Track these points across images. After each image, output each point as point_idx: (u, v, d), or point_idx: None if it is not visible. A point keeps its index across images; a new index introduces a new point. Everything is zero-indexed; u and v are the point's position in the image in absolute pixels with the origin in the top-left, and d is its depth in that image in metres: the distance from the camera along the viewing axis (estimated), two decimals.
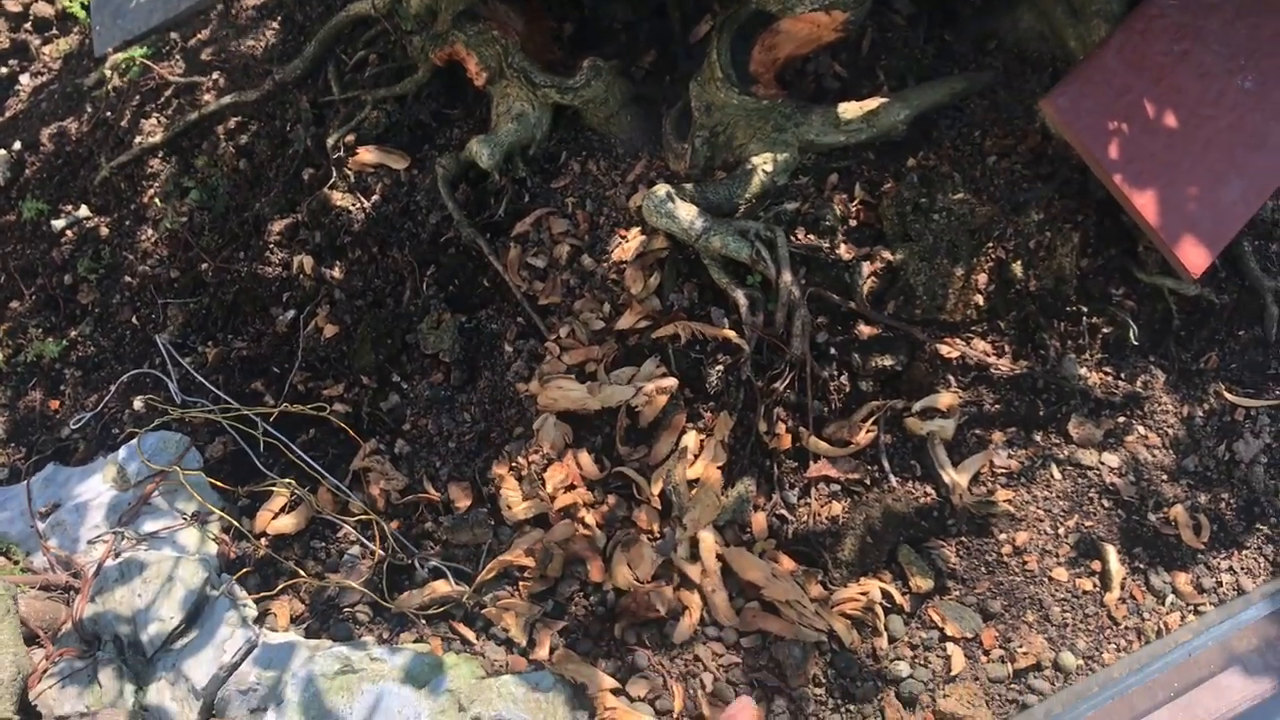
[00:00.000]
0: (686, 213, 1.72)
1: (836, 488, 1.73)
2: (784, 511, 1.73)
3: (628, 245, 1.84)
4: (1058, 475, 1.72)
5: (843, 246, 1.78)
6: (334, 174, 2.04)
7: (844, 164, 1.83)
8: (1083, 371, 1.76)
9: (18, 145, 2.53)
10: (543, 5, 2.05)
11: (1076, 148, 1.69)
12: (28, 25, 2.74)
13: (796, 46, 1.83)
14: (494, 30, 1.87)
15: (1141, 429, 1.76)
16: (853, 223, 1.81)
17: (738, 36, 1.80)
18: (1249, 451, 1.75)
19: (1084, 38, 1.77)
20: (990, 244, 1.74)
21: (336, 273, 2.01)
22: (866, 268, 1.75)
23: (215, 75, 2.31)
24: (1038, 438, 1.74)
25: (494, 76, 1.91)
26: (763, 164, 1.78)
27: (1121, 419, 1.76)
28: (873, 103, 1.80)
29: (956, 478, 1.69)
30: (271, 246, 2.08)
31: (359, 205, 2.02)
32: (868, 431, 1.73)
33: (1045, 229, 1.74)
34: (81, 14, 2.66)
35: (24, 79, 2.66)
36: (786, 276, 1.69)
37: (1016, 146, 1.80)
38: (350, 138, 2.06)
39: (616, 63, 1.94)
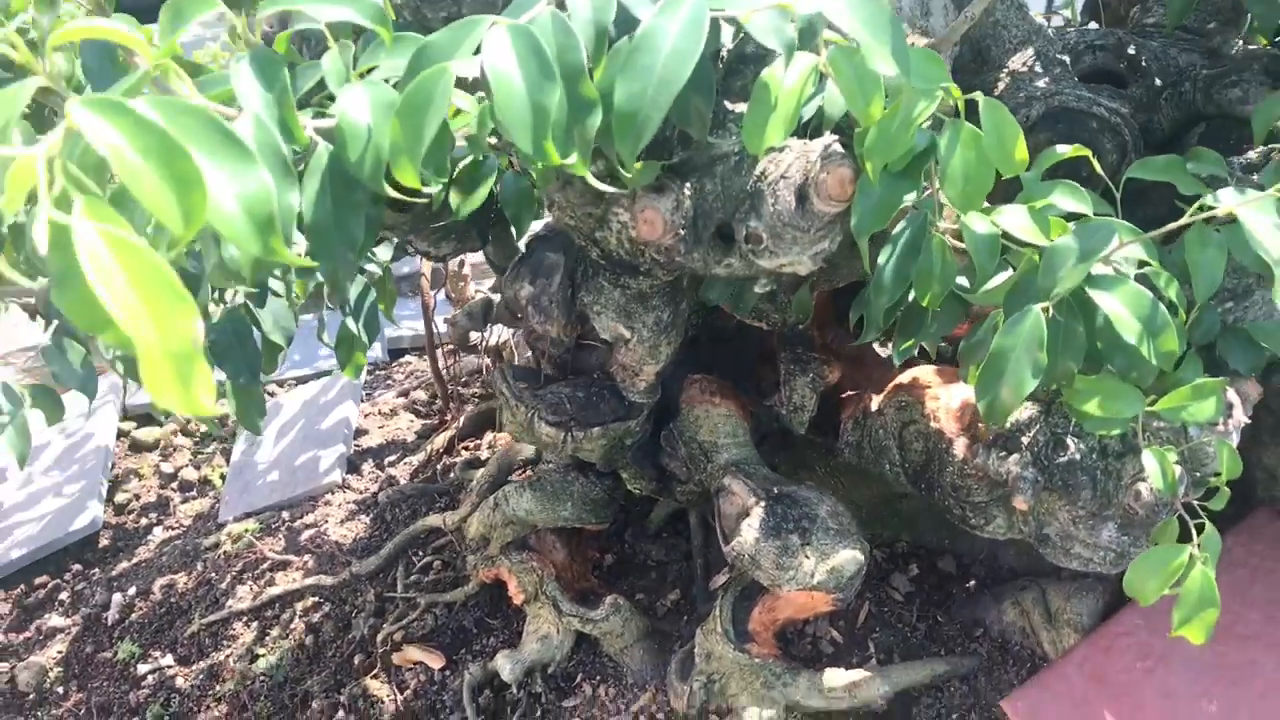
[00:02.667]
0: None
1: None
2: None
3: None
4: None
5: None
6: (378, 664, 2.29)
7: None
8: None
9: (133, 589, 2.89)
10: (588, 538, 2.36)
11: None
12: (174, 484, 3.22)
13: (795, 611, 2.04)
14: (534, 561, 2.17)
15: None
16: None
17: (742, 596, 2.03)
18: None
19: (1056, 643, 1.94)
20: None
21: None
22: None
23: (306, 557, 2.67)
24: None
25: (529, 599, 2.18)
26: (749, 719, 1.93)
27: None
28: (857, 674, 1.96)
29: None
30: None
31: (393, 696, 2.24)
32: None
33: None
34: (219, 482, 3.13)
35: (157, 531, 3.08)
36: None
37: None
38: (399, 634, 2.32)
39: (640, 597, 2.19)
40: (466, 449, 2.90)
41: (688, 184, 1.38)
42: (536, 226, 1.95)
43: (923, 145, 1.27)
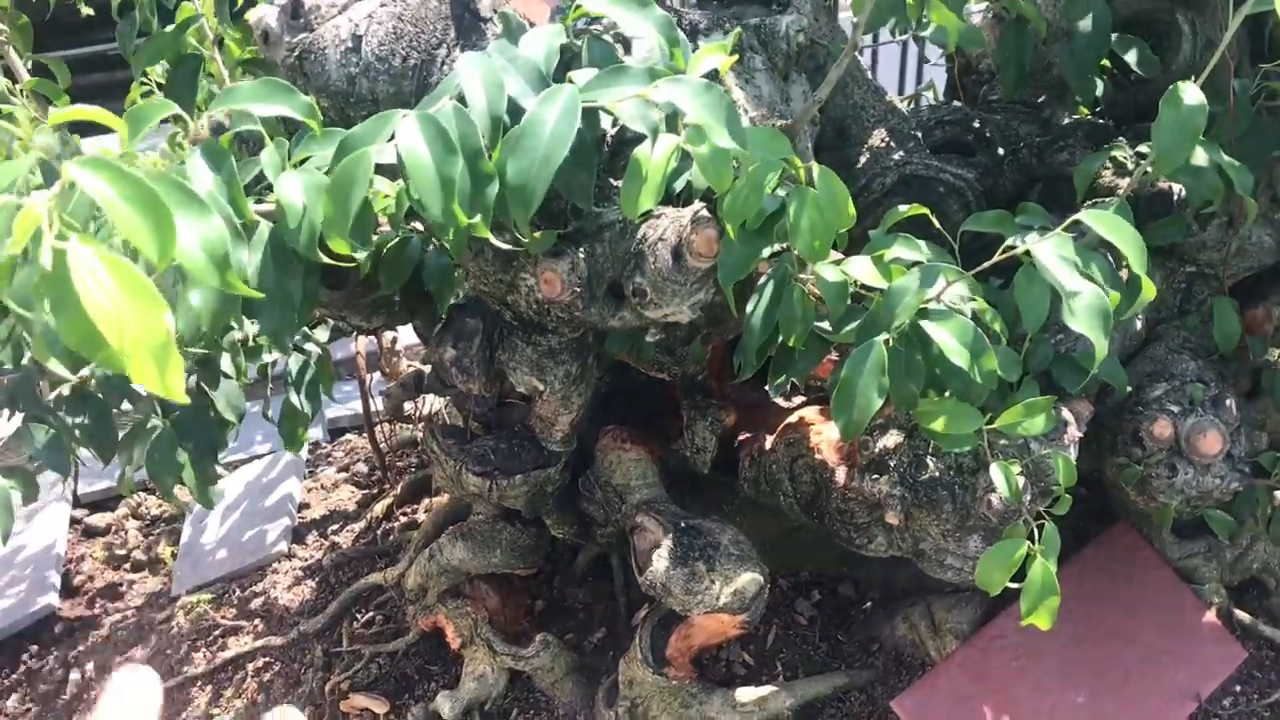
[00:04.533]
0: None
1: None
2: None
3: None
4: None
5: None
6: (326, 714, 2.39)
7: None
8: None
9: (90, 666, 2.95)
10: (519, 584, 2.51)
11: None
12: (126, 564, 3.30)
13: (708, 637, 2.20)
14: (468, 606, 2.31)
15: None
16: None
17: (659, 625, 2.19)
18: None
19: (940, 650, 2.12)
20: None
21: None
22: None
23: (257, 621, 2.77)
24: None
25: (466, 643, 2.32)
26: None
27: None
28: (765, 690, 2.12)
29: None
30: None
31: None
32: None
33: None
34: (170, 560, 3.22)
35: (111, 610, 3.15)
36: None
37: None
38: (346, 684, 2.44)
39: (570, 637, 2.34)
40: (405, 514, 3.04)
41: (581, 249, 1.59)
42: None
43: (773, 208, 1.48)
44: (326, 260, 1.32)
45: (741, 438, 2.29)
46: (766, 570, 2.02)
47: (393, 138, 1.22)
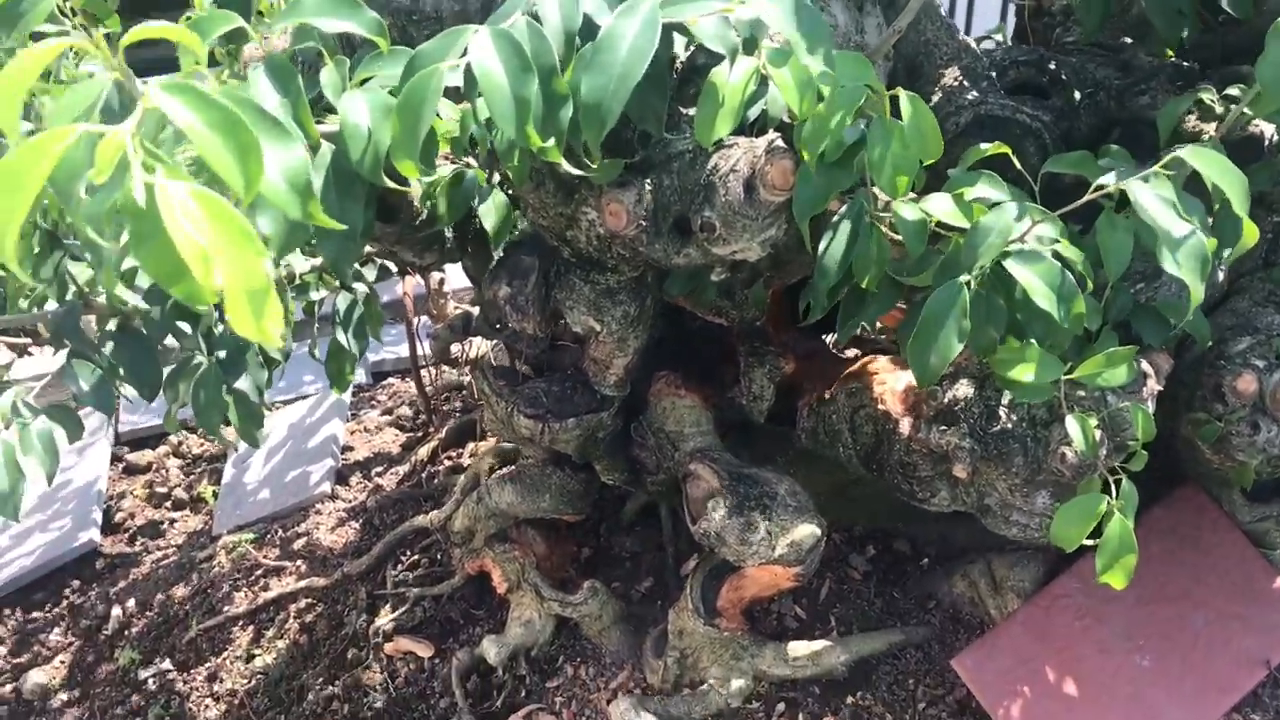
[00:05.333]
0: None
1: None
2: None
3: None
4: None
5: None
6: (370, 656, 2.39)
7: (791, 694, 2.09)
8: None
9: (131, 602, 2.98)
10: (566, 532, 2.49)
11: (984, 705, 1.93)
12: (168, 503, 3.32)
13: (760, 590, 2.17)
14: (516, 551, 2.29)
15: None
16: None
17: (710, 576, 2.16)
18: None
19: (1001, 608, 2.08)
20: None
21: None
22: None
23: (299, 562, 2.78)
24: None
25: (513, 587, 2.30)
26: (719, 686, 2.06)
27: None
28: (819, 644, 2.10)
29: None
30: (306, 716, 2.39)
31: (385, 685, 2.35)
32: None
33: None
34: (211, 500, 3.23)
35: (152, 548, 3.18)
36: None
37: (945, 696, 2.04)
38: (390, 626, 2.43)
39: (617, 585, 2.32)
40: (450, 458, 3.03)
41: (648, 180, 1.54)
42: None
43: (853, 138, 1.43)
44: (391, 185, 1.28)
45: (800, 389, 2.24)
46: (824, 523, 1.98)
47: (464, 55, 1.17)
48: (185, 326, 2.32)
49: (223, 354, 2.29)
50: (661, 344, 2.29)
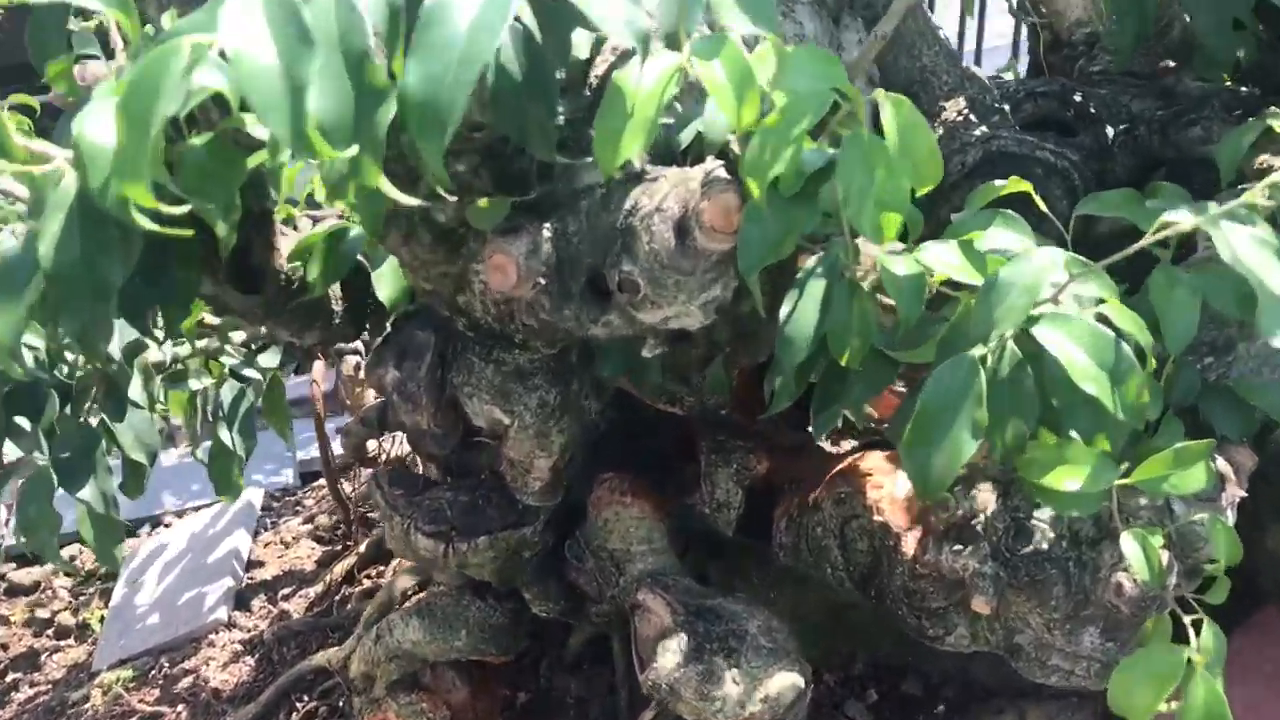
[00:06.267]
0: None
1: None
2: None
3: None
4: None
5: None
6: None
7: None
8: None
9: None
10: (494, 674, 2.08)
11: None
12: (50, 631, 2.91)
13: None
14: (424, 703, 1.88)
15: None
16: None
17: None
18: None
19: None
20: None
21: None
22: None
23: (180, 708, 2.37)
24: None
25: None
26: None
27: None
28: None
29: None
30: None
31: None
32: None
33: None
34: (98, 626, 2.83)
35: (24, 686, 2.76)
36: None
37: None
38: None
39: None
40: (369, 577, 2.62)
41: (548, 225, 1.18)
42: None
43: (817, 164, 1.08)
44: (153, 228, 0.91)
45: (779, 489, 1.86)
46: (808, 669, 1.58)
47: None
48: (23, 422, 1.96)
49: (66, 455, 1.93)
50: (607, 438, 1.91)
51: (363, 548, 2.63)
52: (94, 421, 1.93)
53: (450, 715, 1.90)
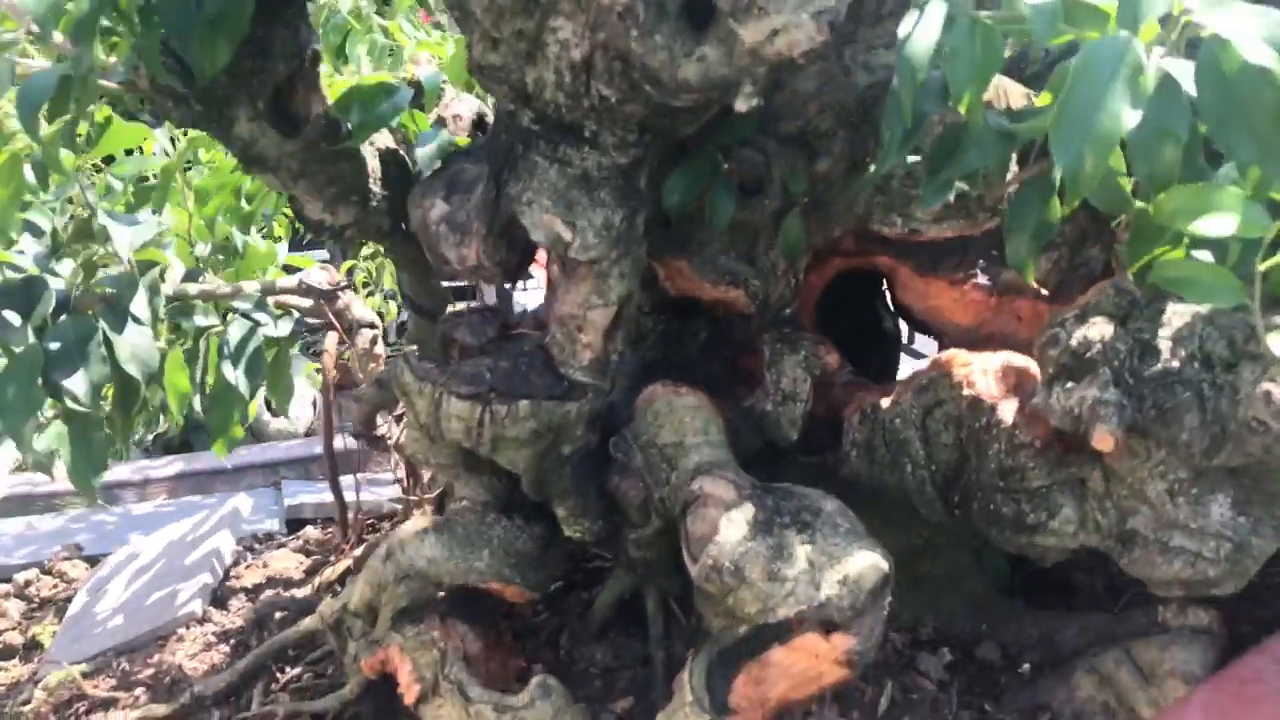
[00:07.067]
0: None
1: None
2: None
3: None
4: None
5: None
6: None
7: None
8: None
9: None
10: (509, 634, 1.86)
11: None
12: None
13: (792, 685, 1.54)
14: (434, 632, 1.66)
15: None
16: None
17: (720, 660, 1.53)
18: None
19: (1158, 700, 1.46)
20: None
21: None
22: None
23: (138, 691, 2.10)
24: None
25: (427, 691, 1.65)
26: None
27: None
28: None
29: None
30: None
31: None
32: None
33: None
34: (47, 642, 2.57)
35: None
36: None
37: None
38: None
39: (581, 706, 1.67)
40: None
41: None
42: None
43: None
44: None
45: (841, 416, 1.71)
46: (890, 557, 1.40)
47: None
48: (13, 317, 1.84)
49: (55, 346, 1.79)
50: (652, 369, 1.78)
51: (359, 550, 2.41)
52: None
53: (462, 650, 1.68)
